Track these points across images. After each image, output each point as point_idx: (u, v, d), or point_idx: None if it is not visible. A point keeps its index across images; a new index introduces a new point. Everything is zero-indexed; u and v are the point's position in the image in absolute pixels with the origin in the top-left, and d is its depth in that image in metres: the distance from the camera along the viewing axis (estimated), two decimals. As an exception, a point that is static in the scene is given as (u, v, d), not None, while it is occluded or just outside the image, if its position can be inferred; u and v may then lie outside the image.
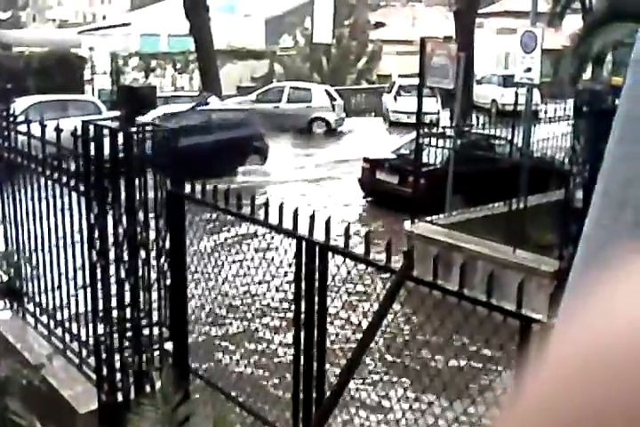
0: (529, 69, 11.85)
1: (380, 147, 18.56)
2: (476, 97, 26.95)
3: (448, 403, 4.00)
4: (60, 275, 5.71)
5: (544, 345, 0.51)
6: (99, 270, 4.88)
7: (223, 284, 5.08)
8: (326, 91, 28.21)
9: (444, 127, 13.16)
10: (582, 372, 0.33)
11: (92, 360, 5.22)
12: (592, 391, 0.32)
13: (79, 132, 4.90)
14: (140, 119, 4.83)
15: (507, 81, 27.32)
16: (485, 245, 10.45)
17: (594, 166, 8.76)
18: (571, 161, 10.21)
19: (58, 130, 5.37)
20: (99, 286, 4.91)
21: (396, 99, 29.96)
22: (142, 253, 4.74)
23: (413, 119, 13.63)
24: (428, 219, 11.72)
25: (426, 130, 12.53)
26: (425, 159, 12.55)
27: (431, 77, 12.71)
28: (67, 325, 5.74)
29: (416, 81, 13.63)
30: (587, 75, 22.63)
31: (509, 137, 12.72)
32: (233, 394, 5.04)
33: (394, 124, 28.68)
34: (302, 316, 4.14)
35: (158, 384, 4.54)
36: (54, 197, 5.58)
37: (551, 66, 21.89)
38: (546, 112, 13.70)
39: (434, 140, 12.45)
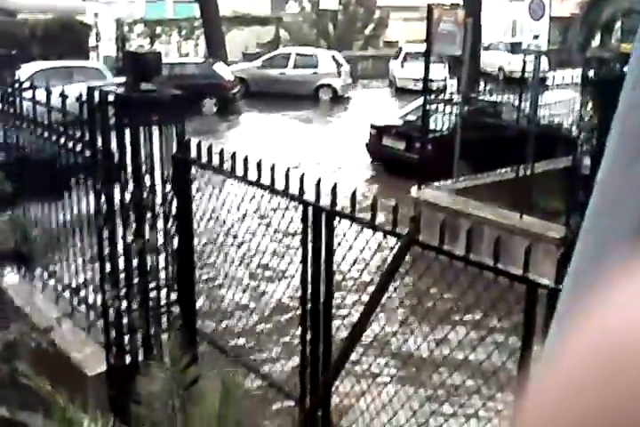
0: (537, 37, 11.73)
1: (387, 113, 18.47)
2: (483, 64, 26.67)
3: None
4: (67, 239, 5.73)
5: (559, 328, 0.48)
6: (106, 234, 4.90)
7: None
8: (333, 57, 27.98)
9: (451, 94, 13.09)
10: (606, 371, 0.30)
11: (100, 323, 5.26)
12: (614, 393, 0.29)
13: (84, 98, 4.89)
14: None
15: (514, 48, 27.06)
16: (492, 211, 10.44)
17: (601, 133, 8.72)
18: (579, 128, 10.16)
19: (63, 96, 5.36)
20: (106, 249, 4.93)
21: (402, 65, 29.76)
22: (149, 218, 4.75)
23: (420, 86, 13.52)
24: (435, 185, 11.71)
25: (433, 96, 12.48)
26: (432, 126, 12.52)
27: (438, 44, 12.60)
28: (74, 288, 5.77)
29: (423, 47, 13.51)
30: (595, 42, 22.40)
31: (516, 104, 12.66)
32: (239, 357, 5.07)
33: (401, 90, 28.51)
34: (309, 283, 4.16)
35: (166, 346, 4.58)
36: (60, 162, 5.58)
37: (559, 33, 21.71)
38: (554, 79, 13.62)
39: (441, 107, 12.42)
